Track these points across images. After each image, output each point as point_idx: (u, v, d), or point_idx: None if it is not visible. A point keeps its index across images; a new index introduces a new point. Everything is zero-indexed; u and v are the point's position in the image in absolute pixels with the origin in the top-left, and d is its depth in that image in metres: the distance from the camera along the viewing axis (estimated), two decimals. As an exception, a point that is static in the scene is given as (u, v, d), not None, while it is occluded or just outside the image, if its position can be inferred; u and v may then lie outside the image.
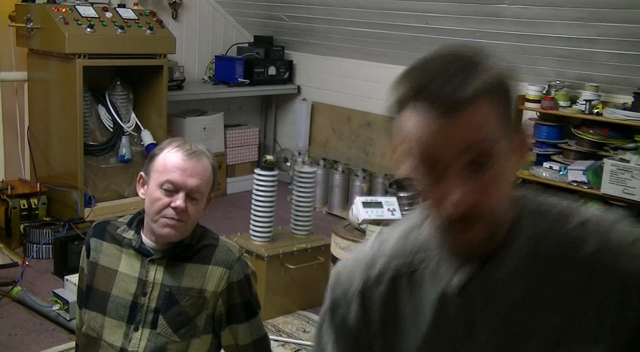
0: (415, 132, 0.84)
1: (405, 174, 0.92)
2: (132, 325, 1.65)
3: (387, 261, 1.01)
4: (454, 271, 0.94)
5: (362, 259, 1.04)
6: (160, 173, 1.63)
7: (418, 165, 0.86)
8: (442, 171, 0.84)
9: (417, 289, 0.98)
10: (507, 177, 0.87)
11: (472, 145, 0.82)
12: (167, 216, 1.62)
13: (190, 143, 1.69)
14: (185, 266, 1.67)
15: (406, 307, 0.99)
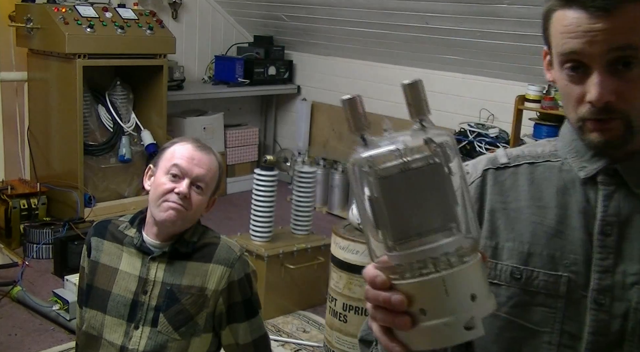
0: (568, 31, 0.89)
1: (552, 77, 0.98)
2: (132, 323, 1.65)
3: (513, 157, 1.05)
4: (583, 164, 0.98)
5: (486, 156, 1.07)
6: (169, 160, 1.66)
7: (566, 61, 0.91)
8: (588, 68, 0.89)
9: (540, 178, 1.01)
10: None
11: (621, 45, 0.87)
12: (170, 200, 1.63)
13: (200, 141, 1.73)
14: (186, 264, 1.68)
15: (525, 193, 1.01)
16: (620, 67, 0.88)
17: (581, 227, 0.96)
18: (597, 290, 0.94)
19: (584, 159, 0.99)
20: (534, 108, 4.02)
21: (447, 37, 4.30)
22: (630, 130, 0.92)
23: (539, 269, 0.97)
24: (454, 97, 4.67)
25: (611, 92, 0.88)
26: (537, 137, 4.05)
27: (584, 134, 0.95)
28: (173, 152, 1.68)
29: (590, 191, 0.98)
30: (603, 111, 0.90)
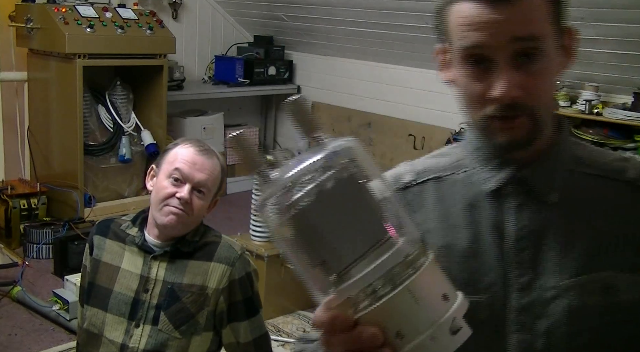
0: (468, 23, 0.85)
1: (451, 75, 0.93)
2: (133, 321, 1.66)
3: (418, 172, 0.99)
4: (489, 175, 0.93)
5: (391, 175, 1.01)
6: (171, 164, 1.66)
7: (468, 56, 0.87)
8: (491, 61, 0.85)
9: (447, 195, 0.96)
10: (553, 74, 0.89)
11: (523, 35, 0.83)
12: (172, 204, 1.63)
13: (204, 143, 1.73)
14: (188, 263, 1.68)
15: (432, 213, 0.96)
16: (524, 59, 0.84)
17: (494, 245, 0.91)
18: (518, 310, 0.89)
19: (489, 169, 0.93)
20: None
21: (447, 37, 4.30)
22: (537, 126, 0.87)
23: None
24: (454, 97, 4.66)
25: (517, 86, 0.84)
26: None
27: (489, 134, 0.89)
28: (175, 155, 1.68)
29: (499, 204, 0.92)
30: (509, 108, 0.85)
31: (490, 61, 0.85)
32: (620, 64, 3.71)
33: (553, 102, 0.92)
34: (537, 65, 0.85)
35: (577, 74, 4.00)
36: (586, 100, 3.81)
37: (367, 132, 5.28)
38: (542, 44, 0.85)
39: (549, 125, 0.91)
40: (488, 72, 0.86)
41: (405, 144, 5.00)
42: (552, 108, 0.92)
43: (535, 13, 0.84)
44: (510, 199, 0.92)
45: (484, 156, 0.94)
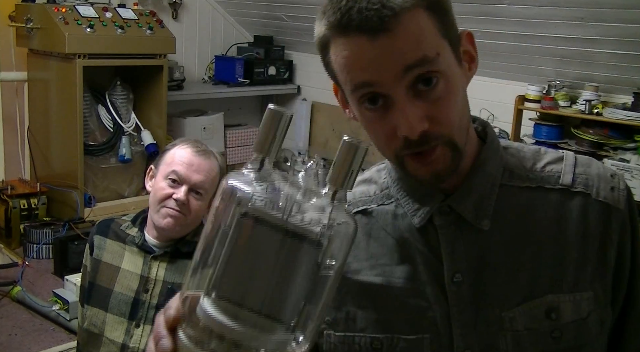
0: (351, 62, 0.77)
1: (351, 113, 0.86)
2: (133, 321, 1.66)
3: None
4: (415, 207, 0.87)
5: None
6: (168, 165, 1.67)
7: (361, 97, 0.79)
8: (388, 97, 0.77)
9: (376, 230, 0.90)
10: (458, 91, 0.81)
11: (413, 62, 0.75)
12: (168, 205, 1.63)
13: (202, 143, 1.73)
14: (187, 263, 1.68)
15: (363, 251, 0.90)
16: (422, 87, 0.77)
17: (431, 280, 0.86)
18: (463, 346, 0.85)
19: (414, 198, 0.87)
20: (534, 108, 4.02)
21: (447, 37, 4.29)
22: (457, 152, 0.81)
23: (399, 335, 0.86)
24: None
25: (422, 119, 0.76)
26: (537, 137, 4.06)
27: (407, 171, 0.83)
28: (173, 156, 1.68)
29: (430, 236, 0.87)
30: (421, 143, 0.78)
31: (386, 97, 0.78)
32: (620, 64, 3.71)
33: (468, 119, 0.85)
34: (439, 90, 0.78)
35: (577, 74, 4.01)
36: (586, 100, 3.81)
37: (367, 132, 5.28)
38: (437, 64, 0.77)
39: (469, 142, 0.86)
40: (388, 109, 0.78)
41: (405, 144, 5.00)
42: (469, 126, 0.86)
43: (421, 33, 0.76)
44: (441, 231, 0.86)
45: (407, 187, 0.89)
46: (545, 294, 0.84)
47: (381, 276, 0.89)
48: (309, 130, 5.67)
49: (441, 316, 0.86)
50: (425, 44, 0.76)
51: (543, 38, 3.84)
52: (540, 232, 0.86)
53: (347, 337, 0.90)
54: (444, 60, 0.78)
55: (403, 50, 0.75)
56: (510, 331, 0.84)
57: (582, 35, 3.65)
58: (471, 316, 0.85)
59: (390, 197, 0.91)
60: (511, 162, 0.90)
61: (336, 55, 0.79)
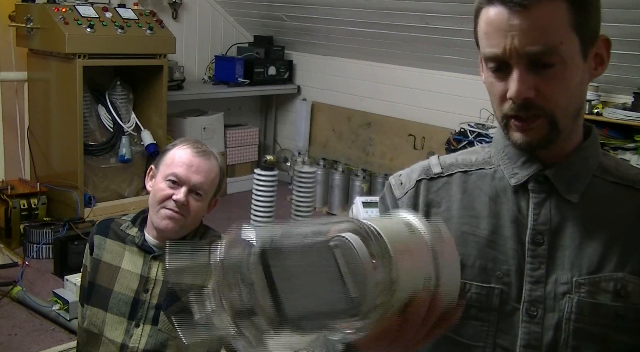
0: (489, 31, 0.90)
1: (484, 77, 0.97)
2: (133, 321, 1.66)
3: (447, 166, 1.04)
4: (514, 172, 0.97)
5: (420, 165, 1.06)
6: (168, 166, 1.66)
7: (490, 60, 0.91)
8: (509, 66, 0.89)
9: (473, 187, 1.00)
10: (572, 79, 0.90)
11: (536, 51, 0.86)
12: (168, 207, 1.63)
13: (202, 144, 1.72)
14: (187, 263, 1.68)
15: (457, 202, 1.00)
16: (540, 66, 0.88)
17: (513, 236, 0.95)
18: (529, 301, 0.92)
19: (516, 165, 0.97)
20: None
21: (447, 37, 4.29)
22: (555, 129, 0.91)
23: (471, 282, 0.95)
24: (454, 97, 4.67)
25: (530, 88, 0.88)
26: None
27: (508, 132, 0.94)
28: (173, 156, 1.68)
29: (521, 199, 0.96)
30: (524, 108, 0.89)
31: (508, 65, 0.90)
32: (620, 64, 3.71)
33: (578, 108, 0.94)
34: (554, 71, 0.88)
35: (577, 74, 4.00)
36: (586, 100, 3.81)
37: (367, 132, 5.28)
38: (559, 52, 0.87)
39: (573, 131, 0.95)
40: (507, 74, 0.90)
41: (405, 144, 5.00)
42: (577, 114, 0.95)
43: (552, 22, 0.87)
44: (532, 195, 0.95)
45: (511, 154, 0.98)
46: (615, 271, 0.91)
47: (468, 225, 0.98)
48: (309, 130, 5.67)
49: (515, 269, 0.93)
50: (552, 32, 0.87)
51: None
52: (620, 218, 0.94)
53: None
54: (567, 50, 0.88)
55: (532, 31, 0.86)
56: (577, 295, 0.91)
57: (582, 35, 3.65)
58: (543, 274, 0.93)
59: (491, 164, 1.01)
60: (606, 163, 0.99)
61: (481, 21, 0.93)
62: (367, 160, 5.24)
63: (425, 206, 1.01)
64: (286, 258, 0.60)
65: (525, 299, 0.92)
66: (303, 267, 0.61)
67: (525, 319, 0.92)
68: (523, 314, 0.92)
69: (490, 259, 0.95)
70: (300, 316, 0.60)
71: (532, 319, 0.92)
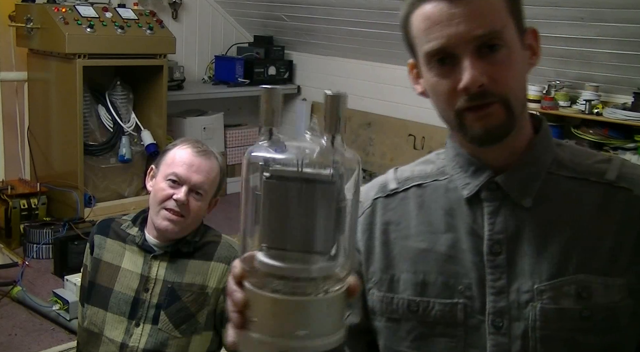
0: (433, 20, 0.88)
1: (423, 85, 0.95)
2: (133, 320, 1.66)
3: (403, 180, 1.03)
4: (466, 182, 0.96)
5: (378, 182, 1.06)
6: (168, 166, 1.67)
7: (432, 57, 0.89)
8: (455, 57, 0.88)
9: (429, 201, 0.99)
10: (518, 65, 0.91)
11: (482, 33, 0.86)
12: (168, 207, 1.64)
13: (202, 143, 1.73)
14: (188, 263, 1.68)
15: (414, 219, 0.99)
16: (487, 50, 0.87)
17: (471, 249, 0.93)
18: (494, 313, 0.91)
19: (467, 174, 0.96)
20: (534, 108, 4.02)
21: (447, 37, 4.29)
22: (511, 116, 0.89)
23: (434, 299, 0.94)
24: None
25: (483, 73, 0.86)
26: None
27: (464, 128, 0.91)
28: (173, 156, 1.68)
29: (476, 209, 0.95)
30: (479, 96, 0.87)
31: (454, 57, 0.88)
32: (620, 64, 3.71)
33: (524, 95, 0.93)
34: (501, 55, 0.88)
35: (577, 74, 4.01)
36: (586, 100, 3.81)
37: (367, 132, 5.28)
38: (503, 35, 0.87)
39: (524, 124, 0.94)
40: (454, 67, 0.88)
41: (405, 144, 5.00)
42: (525, 104, 0.94)
43: (493, 7, 0.87)
44: (486, 204, 0.94)
45: (462, 162, 0.97)
46: (576, 273, 0.89)
47: (426, 242, 0.97)
48: (309, 130, 5.67)
49: (477, 282, 0.92)
50: (495, 17, 0.87)
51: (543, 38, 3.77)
52: (578, 217, 0.92)
53: (386, 297, 0.98)
54: (509, 34, 0.89)
55: (475, 19, 0.86)
56: (540, 302, 0.89)
57: (582, 35, 3.65)
58: (505, 284, 0.91)
59: (445, 174, 0.99)
60: (561, 156, 0.97)
61: (418, 21, 0.90)
62: (367, 160, 5.24)
63: (383, 225, 1.00)
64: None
65: (489, 310, 0.91)
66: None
67: (492, 330, 0.91)
68: (489, 326, 0.91)
69: (451, 275, 0.94)
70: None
71: (498, 330, 0.91)
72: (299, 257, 0.64)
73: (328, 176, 0.64)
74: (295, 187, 0.64)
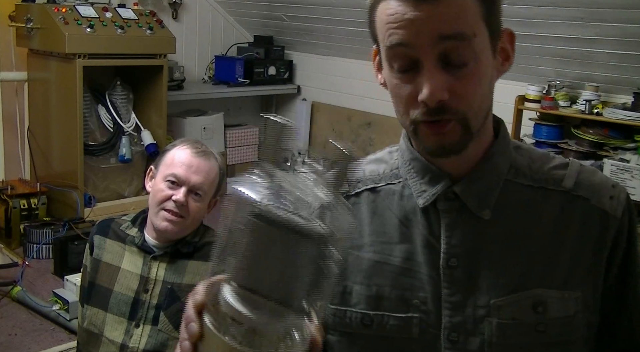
0: (393, 19, 0.80)
1: (382, 78, 0.89)
2: (133, 321, 1.66)
3: (353, 183, 0.96)
4: (422, 189, 0.90)
5: None
6: (167, 167, 1.67)
7: (394, 56, 0.82)
8: (418, 62, 0.81)
9: (382, 207, 0.93)
10: (485, 77, 0.83)
11: (449, 33, 0.79)
12: (167, 208, 1.64)
13: (202, 144, 1.72)
14: (187, 263, 1.68)
15: (367, 227, 0.93)
16: (452, 61, 0.80)
17: (427, 262, 0.89)
18: (449, 327, 0.88)
19: (423, 181, 0.90)
20: (534, 108, 4.02)
21: (447, 37, 4.29)
22: (468, 133, 0.83)
23: (389, 313, 0.90)
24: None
25: (444, 89, 0.79)
26: (537, 137, 4.06)
27: (418, 139, 0.86)
28: (172, 157, 1.68)
29: (432, 219, 0.89)
30: (437, 112, 0.81)
31: (416, 62, 0.81)
32: (620, 64, 3.71)
33: (488, 107, 0.88)
34: (467, 68, 0.81)
35: (577, 74, 4.01)
36: (586, 100, 3.81)
37: (367, 132, 5.28)
38: (471, 44, 0.80)
39: (483, 132, 0.88)
40: (415, 74, 0.81)
41: (405, 144, 5.00)
42: (487, 114, 0.88)
43: (464, 11, 0.80)
44: (443, 215, 0.89)
45: (418, 168, 0.91)
46: (534, 288, 0.87)
47: (380, 253, 0.91)
48: (309, 130, 5.67)
49: (432, 297, 0.88)
50: (466, 21, 0.80)
51: (543, 38, 3.84)
52: (537, 229, 0.89)
53: (339, 311, 0.93)
54: (479, 44, 0.81)
55: (443, 18, 0.78)
56: (497, 318, 0.86)
57: (582, 35, 3.65)
58: (461, 299, 0.88)
59: (398, 177, 0.94)
60: (519, 161, 0.92)
61: (381, 12, 0.82)
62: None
63: None
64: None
65: (445, 325, 0.88)
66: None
67: (447, 345, 0.88)
68: (445, 341, 0.88)
69: (406, 288, 0.89)
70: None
71: (454, 344, 0.88)
72: (269, 308, 0.58)
73: (317, 232, 0.58)
74: (281, 234, 0.58)
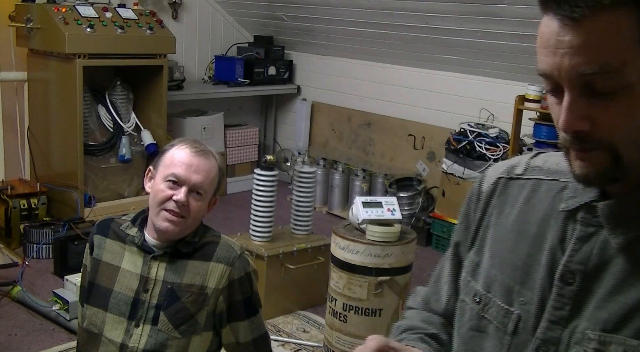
0: (543, 40, 0.76)
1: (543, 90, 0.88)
2: (133, 321, 1.66)
3: (530, 169, 0.96)
4: (572, 195, 0.87)
5: (512, 160, 1.00)
6: (167, 167, 1.66)
7: (542, 77, 0.79)
8: (561, 86, 0.76)
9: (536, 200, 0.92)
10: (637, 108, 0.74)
11: (589, 71, 0.72)
12: (168, 208, 1.63)
13: (200, 143, 1.72)
14: (187, 263, 1.68)
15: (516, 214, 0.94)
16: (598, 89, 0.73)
17: (547, 266, 0.86)
18: (541, 339, 0.85)
19: (579, 187, 0.86)
20: (534, 108, 4.02)
21: (447, 37, 4.29)
22: (617, 164, 0.76)
23: (496, 299, 0.91)
24: (454, 97, 4.67)
25: (581, 118, 0.74)
26: (537, 137, 4.06)
27: (569, 161, 0.81)
28: (172, 157, 1.67)
29: (569, 227, 0.85)
30: (578, 140, 0.76)
31: (561, 87, 0.76)
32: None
33: None
34: (617, 100, 0.73)
35: (577, 74, 4.00)
36: None
37: (367, 132, 5.28)
38: (621, 74, 0.72)
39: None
40: (562, 97, 0.77)
41: (405, 144, 5.00)
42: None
43: (612, 37, 0.71)
44: (579, 227, 0.84)
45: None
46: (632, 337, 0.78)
47: (513, 240, 0.92)
48: (309, 130, 5.67)
49: (538, 302, 0.86)
50: (613, 50, 0.71)
51: (543, 38, 3.84)
52: None
53: (465, 280, 0.98)
54: (633, 72, 0.72)
55: (583, 52, 0.72)
56: (586, 349, 0.81)
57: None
58: (565, 317, 0.84)
59: (568, 176, 0.88)
60: None
61: (539, 29, 0.78)
62: (367, 160, 5.23)
63: (494, 207, 0.97)
64: None
65: (538, 335, 0.85)
66: None
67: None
68: (532, 350, 0.86)
69: (518, 282, 0.89)
70: None
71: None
72: None
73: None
74: None
